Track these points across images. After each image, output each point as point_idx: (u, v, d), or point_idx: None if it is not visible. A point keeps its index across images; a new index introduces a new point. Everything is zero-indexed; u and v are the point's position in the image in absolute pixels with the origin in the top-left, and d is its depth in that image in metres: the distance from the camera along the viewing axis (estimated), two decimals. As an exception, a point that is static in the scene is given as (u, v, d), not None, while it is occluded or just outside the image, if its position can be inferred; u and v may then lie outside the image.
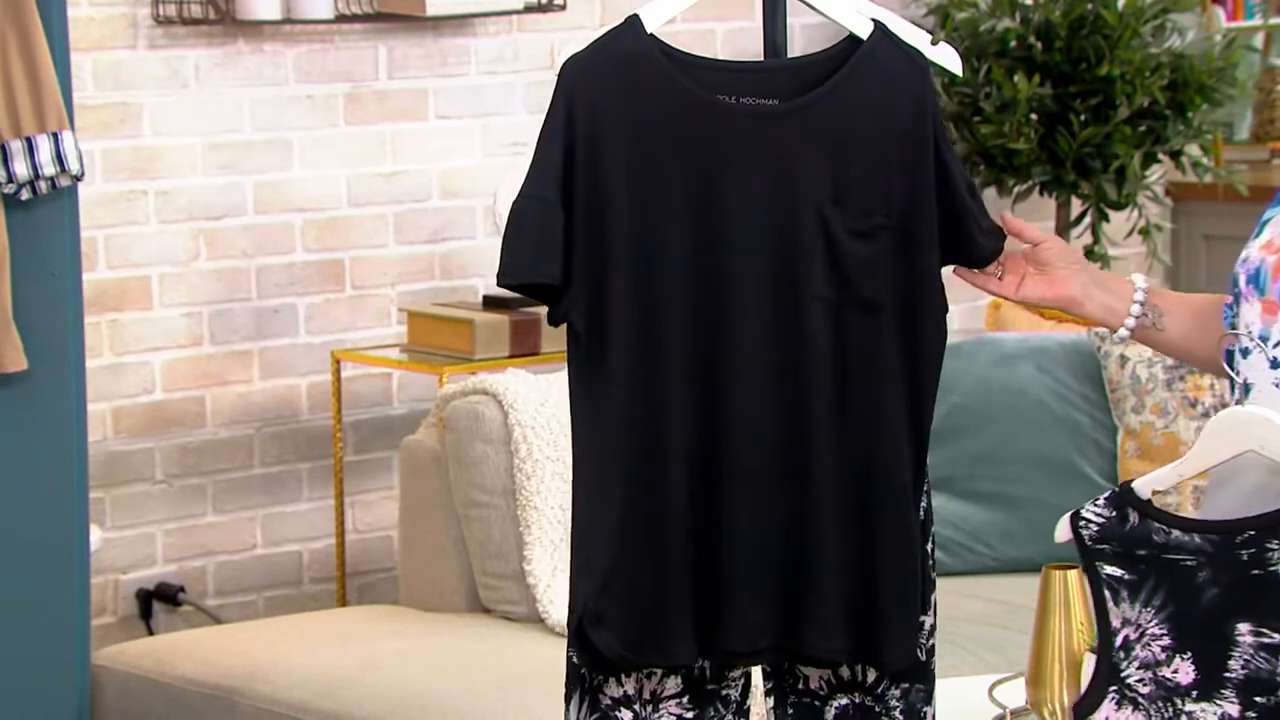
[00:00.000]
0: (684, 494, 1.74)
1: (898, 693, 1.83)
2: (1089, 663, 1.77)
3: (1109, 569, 1.70)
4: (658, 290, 1.74)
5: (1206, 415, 3.14)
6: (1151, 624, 1.69)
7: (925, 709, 1.85)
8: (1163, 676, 1.67)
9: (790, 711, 1.85)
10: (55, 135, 2.76)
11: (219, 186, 3.65)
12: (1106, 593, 1.71)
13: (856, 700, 1.83)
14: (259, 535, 3.73)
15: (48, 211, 2.83)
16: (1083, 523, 1.71)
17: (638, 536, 1.74)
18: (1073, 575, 2.24)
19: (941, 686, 1.91)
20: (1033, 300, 1.80)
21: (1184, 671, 1.67)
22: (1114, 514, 1.70)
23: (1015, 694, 2.32)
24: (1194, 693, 1.66)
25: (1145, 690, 1.68)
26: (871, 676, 1.83)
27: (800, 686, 1.84)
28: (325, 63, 3.71)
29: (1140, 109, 3.84)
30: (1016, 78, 3.79)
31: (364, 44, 3.75)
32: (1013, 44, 3.89)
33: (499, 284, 1.77)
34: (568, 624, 1.79)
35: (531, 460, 3.00)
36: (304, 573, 3.77)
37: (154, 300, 3.61)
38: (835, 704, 1.83)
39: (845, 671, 1.84)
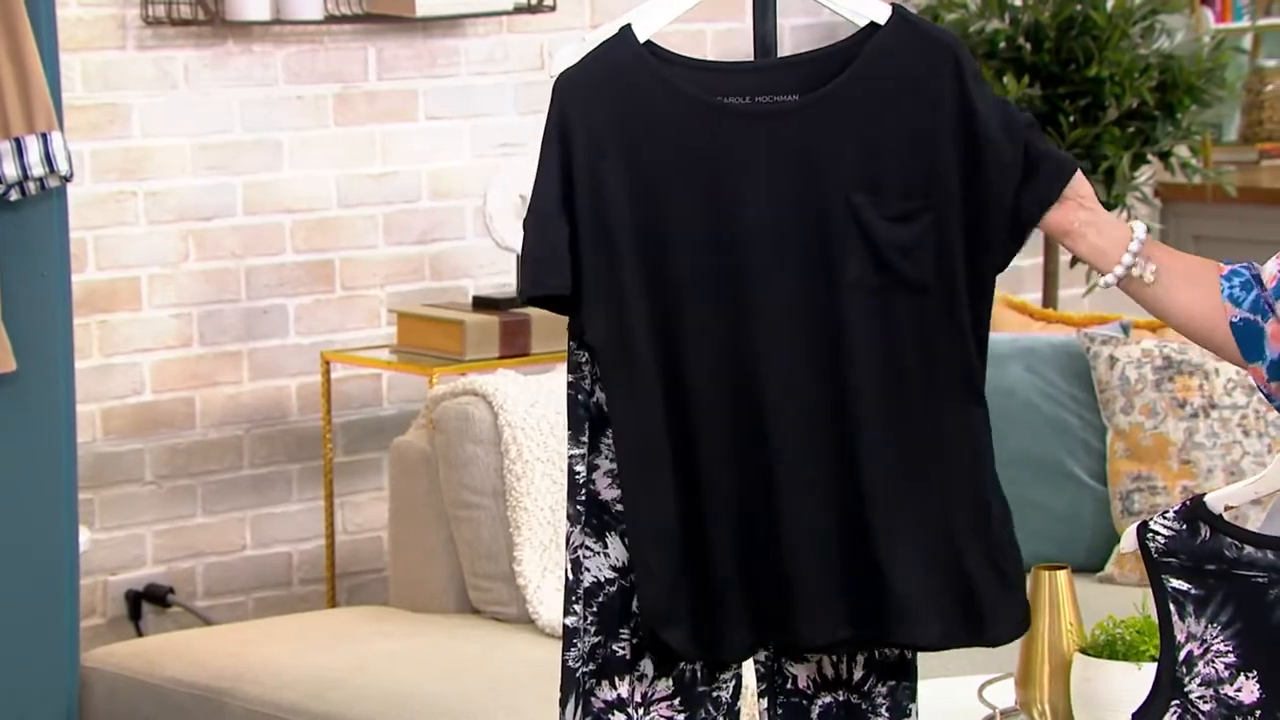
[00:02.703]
0: (734, 494, 1.74)
1: (884, 690, 1.84)
2: (1148, 670, 1.74)
3: (1175, 582, 1.68)
4: (680, 298, 1.74)
5: (1195, 416, 3.14)
6: (1217, 640, 1.66)
7: (910, 705, 1.85)
8: (1224, 695, 1.65)
9: (779, 712, 1.85)
10: (44, 136, 2.75)
11: (208, 187, 3.64)
12: (1172, 606, 1.68)
13: (841, 698, 1.83)
14: (248, 536, 3.72)
15: (37, 213, 2.82)
16: (1150, 535, 1.69)
17: (691, 538, 1.75)
18: (1062, 576, 2.24)
19: (930, 687, 1.92)
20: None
21: (1248, 691, 1.64)
22: (1184, 527, 1.67)
23: (1005, 694, 2.32)
24: (1257, 712, 1.63)
25: (1206, 708, 1.65)
26: (858, 674, 1.84)
27: (789, 686, 1.84)
28: (315, 63, 3.71)
29: (1129, 110, 3.84)
30: (1005, 79, 3.79)
31: (353, 44, 3.74)
32: (1002, 45, 3.89)
33: (521, 303, 1.78)
34: (639, 622, 1.79)
35: (521, 461, 3.00)
36: (293, 574, 3.77)
37: (143, 301, 3.61)
38: (820, 702, 1.84)
39: (830, 670, 1.84)
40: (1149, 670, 2.14)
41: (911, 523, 1.75)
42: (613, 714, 1.80)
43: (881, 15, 1.77)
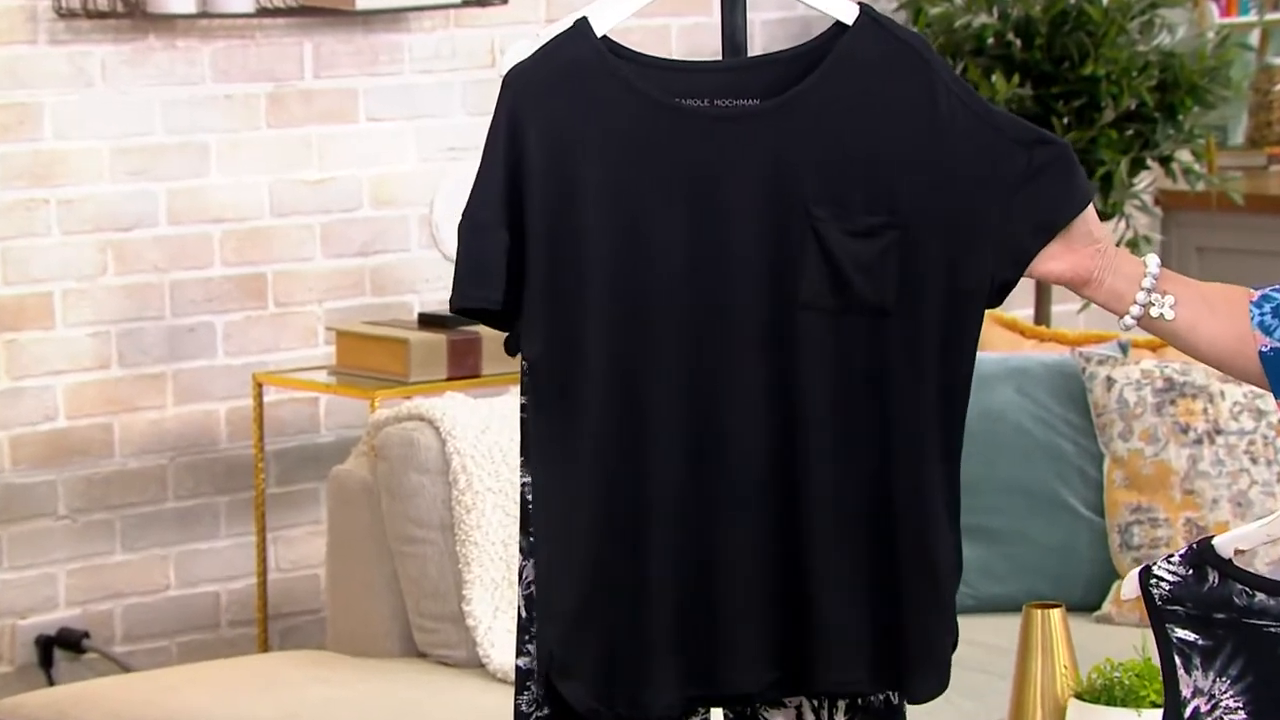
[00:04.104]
0: (665, 532, 1.75)
1: (868, 737, 1.85)
2: (1149, 717, 1.73)
3: (1181, 633, 1.68)
4: (636, 311, 1.75)
5: (1199, 442, 3.16)
6: (1226, 695, 1.66)
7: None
8: None
9: (754, 759, 1.87)
10: (-51, 138, 2.75)
11: (128, 194, 3.64)
12: (1177, 659, 1.68)
13: (823, 748, 1.85)
14: (172, 575, 3.72)
15: (-59, 221, 2.82)
16: (1154, 580, 1.69)
17: (609, 579, 1.76)
18: (1055, 615, 2.26)
19: (915, 735, 1.94)
20: (1042, 275, 1.78)
21: None
22: (1190, 572, 1.68)
23: (994, 742, 2.34)
24: None
25: None
26: (840, 721, 1.85)
27: (764, 732, 1.86)
28: (245, 60, 3.72)
29: (1127, 111, 3.88)
30: (994, 78, 3.83)
31: (288, 40, 3.75)
32: (990, 41, 3.93)
33: (450, 310, 1.80)
34: (536, 673, 1.80)
35: (471, 492, 3.01)
36: (221, 615, 3.76)
37: (56, 319, 3.61)
38: (800, 750, 1.85)
39: (810, 716, 1.86)
40: (1149, 717, 2.16)
41: (850, 569, 1.76)
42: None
43: (849, 15, 1.78)
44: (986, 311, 1.81)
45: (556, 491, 1.77)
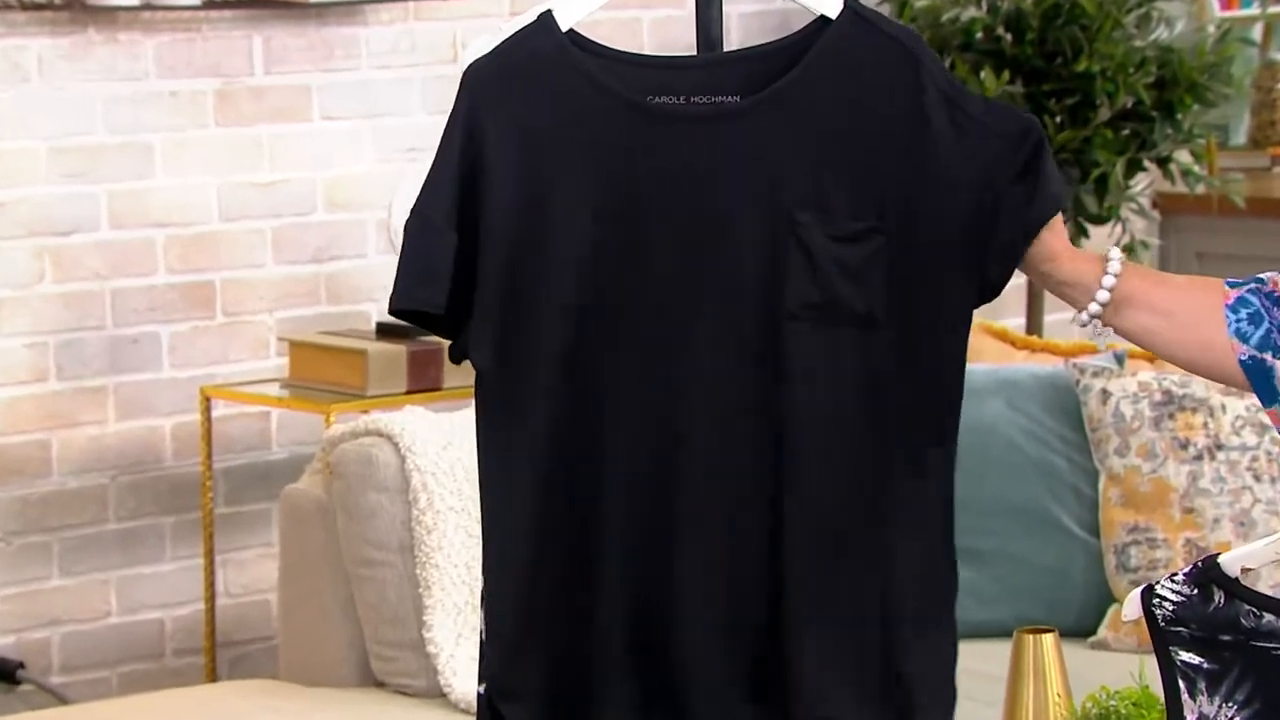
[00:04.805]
0: (615, 553, 1.75)
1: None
2: None
3: (1185, 655, 1.69)
4: (598, 320, 1.75)
5: (1200, 458, 3.18)
6: None
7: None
8: None
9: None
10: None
11: (67, 197, 3.64)
12: (1181, 683, 1.69)
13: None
14: (113, 601, 3.71)
15: None
16: (1156, 600, 1.70)
17: (552, 600, 1.76)
18: (1048, 640, 2.28)
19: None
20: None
21: None
22: (1195, 592, 1.69)
23: (984, 775, 2.35)
24: None
25: None
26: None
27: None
28: (191, 55, 3.72)
29: (1123, 110, 3.90)
30: (983, 74, 3.84)
31: (236, 33, 3.75)
32: (979, 35, 3.94)
33: (389, 312, 1.80)
34: (477, 694, 1.81)
35: (432, 511, 3.01)
36: (166, 644, 3.76)
37: (-9, 329, 3.60)
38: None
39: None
40: (1147, 748, 2.17)
41: (836, 610, 1.76)
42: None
43: (832, 8, 1.79)
44: (976, 321, 1.82)
45: (497, 506, 1.77)
